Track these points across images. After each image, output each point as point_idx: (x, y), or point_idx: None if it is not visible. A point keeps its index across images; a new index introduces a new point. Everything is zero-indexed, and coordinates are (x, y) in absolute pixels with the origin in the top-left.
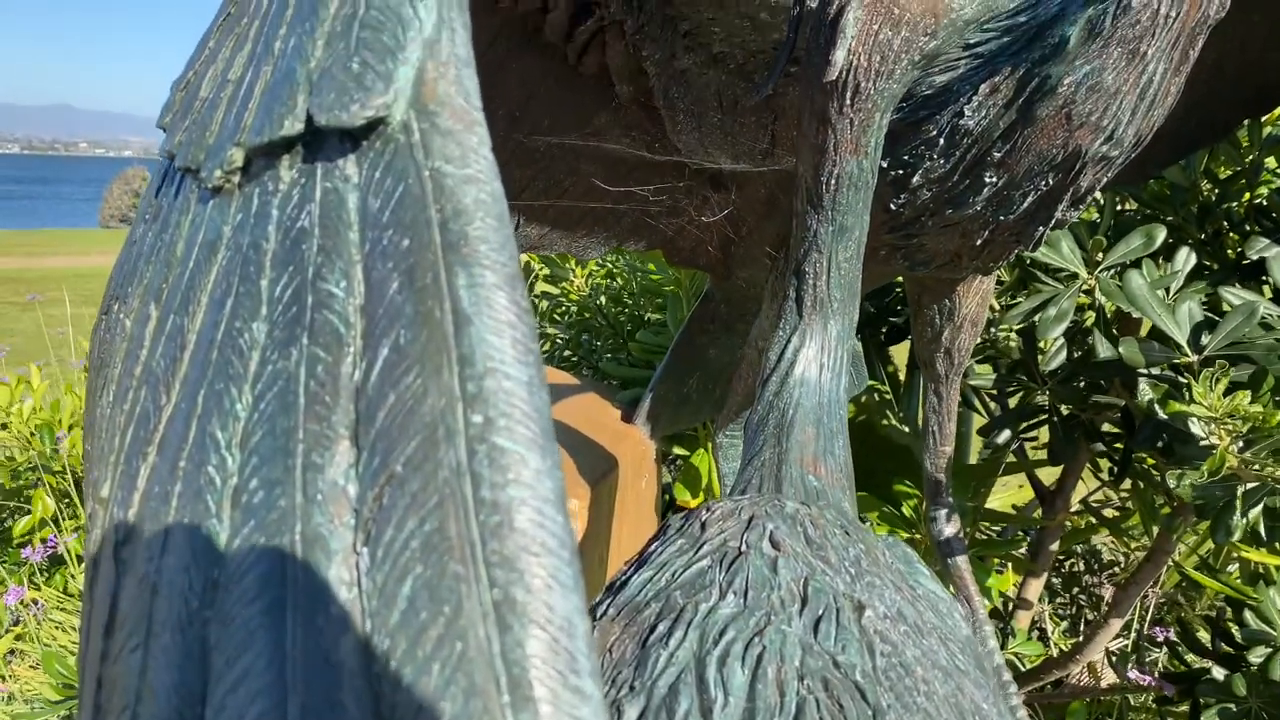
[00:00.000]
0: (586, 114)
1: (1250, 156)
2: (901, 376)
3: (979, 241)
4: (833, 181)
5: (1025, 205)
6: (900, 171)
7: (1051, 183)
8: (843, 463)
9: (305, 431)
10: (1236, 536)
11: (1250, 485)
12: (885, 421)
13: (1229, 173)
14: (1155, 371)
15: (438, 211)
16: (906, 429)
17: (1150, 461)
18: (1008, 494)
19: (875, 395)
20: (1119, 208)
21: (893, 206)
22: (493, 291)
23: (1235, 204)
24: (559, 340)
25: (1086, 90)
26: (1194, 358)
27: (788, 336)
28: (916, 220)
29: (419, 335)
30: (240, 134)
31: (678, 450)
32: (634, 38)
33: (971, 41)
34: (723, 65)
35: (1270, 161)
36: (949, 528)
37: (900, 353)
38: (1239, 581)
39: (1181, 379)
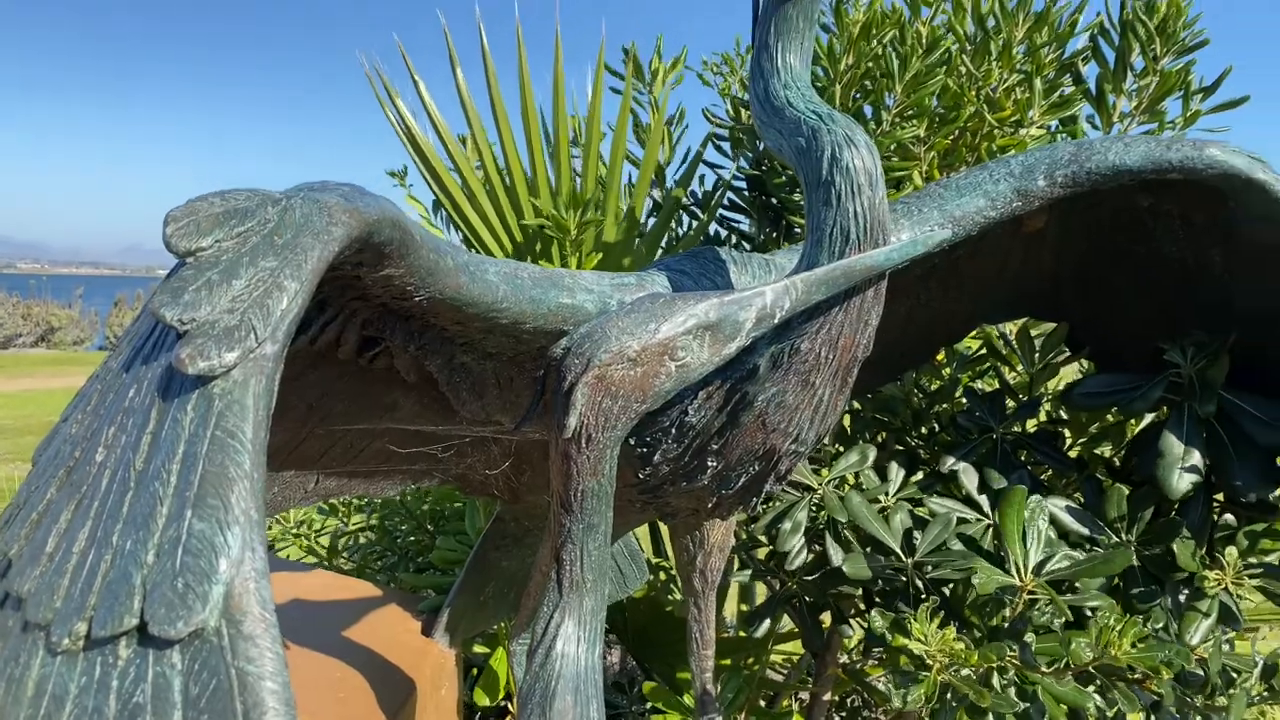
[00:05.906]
0: (378, 397)
1: (948, 370)
2: None
3: (710, 505)
4: (579, 494)
5: (740, 483)
6: (644, 450)
7: (757, 469)
8: None
9: None
10: None
11: (956, 696)
12: (670, 595)
13: (935, 386)
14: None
15: (241, 703)
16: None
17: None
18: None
19: (660, 573)
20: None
21: (640, 475)
22: None
23: (943, 406)
24: (361, 534)
25: (775, 406)
26: (907, 561)
27: (550, 612)
28: (660, 487)
29: None
30: (86, 611)
31: (478, 649)
32: (416, 353)
33: None
34: (497, 358)
35: (964, 378)
36: None
37: None
38: None
39: (902, 578)
